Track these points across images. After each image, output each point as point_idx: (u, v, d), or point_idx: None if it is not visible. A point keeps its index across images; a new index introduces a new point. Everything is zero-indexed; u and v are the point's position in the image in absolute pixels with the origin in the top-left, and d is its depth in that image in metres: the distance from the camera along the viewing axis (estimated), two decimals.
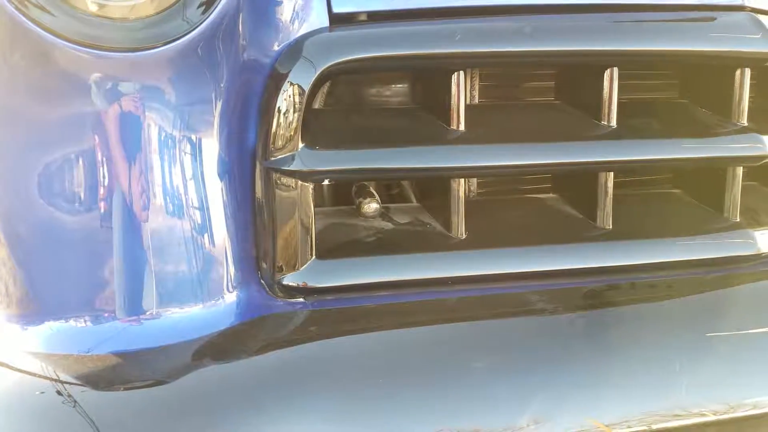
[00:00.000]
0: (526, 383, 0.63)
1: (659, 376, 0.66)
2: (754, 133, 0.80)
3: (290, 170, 0.65)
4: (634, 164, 0.77)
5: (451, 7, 0.72)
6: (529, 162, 0.74)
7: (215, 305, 0.66)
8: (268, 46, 0.67)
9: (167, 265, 0.64)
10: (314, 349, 0.63)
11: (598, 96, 0.77)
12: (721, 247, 0.79)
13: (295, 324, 0.67)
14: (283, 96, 0.64)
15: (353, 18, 0.70)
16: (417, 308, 0.69)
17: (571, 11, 0.75)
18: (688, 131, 0.81)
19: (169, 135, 0.63)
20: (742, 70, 0.80)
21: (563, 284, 0.74)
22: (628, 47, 0.74)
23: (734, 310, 0.72)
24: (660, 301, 0.71)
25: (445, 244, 0.75)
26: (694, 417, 0.65)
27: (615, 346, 0.67)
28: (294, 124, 0.65)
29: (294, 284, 0.68)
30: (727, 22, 0.79)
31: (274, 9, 0.66)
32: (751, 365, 0.69)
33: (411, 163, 0.70)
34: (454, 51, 0.68)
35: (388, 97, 0.85)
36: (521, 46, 0.70)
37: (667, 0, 0.78)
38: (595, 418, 0.62)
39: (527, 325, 0.68)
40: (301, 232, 0.67)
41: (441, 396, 0.61)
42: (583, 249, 0.76)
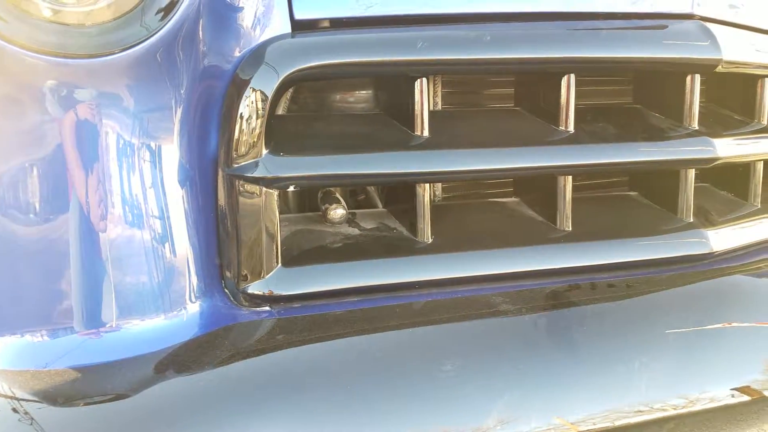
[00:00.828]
0: (494, 385, 0.64)
1: (621, 373, 0.67)
2: (705, 136, 0.83)
3: (254, 177, 0.64)
4: (592, 168, 0.79)
5: (413, 15, 0.73)
6: (491, 167, 0.75)
7: (178, 316, 0.65)
8: (229, 52, 0.66)
9: (127, 276, 0.63)
10: (281, 358, 0.63)
11: (556, 102, 0.79)
12: (676, 247, 0.82)
13: (261, 333, 0.66)
14: (246, 102, 0.63)
15: (316, 24, 0.70)
16: (384, 313, 0.69)
17: (529, 19, 0.77)
18: (642, 135, 0.84)
19: (127, 143, 0.62)
20: (693, 76, 0.84)
21: (526, 285, 0.75)
22: (585, 54, 0.76)
23: (690, 307, 0.74)
24: (619, 300, 0.73)
25: (412, 248, 0.75)
26: (655, 412, 0.66)
27: (578, 345, 0.69)
28: (257, 130, 0.64)
29: (259, 293, 0.67)
30: (678, 30, 0.82)
31: (235, 15, 0.66)
32: (708, 360, 0.72)
33: (376, 169, 0.70)
34: (416, 58, 0.69)
35: (353, 103, 0.85)
36: (481, 54, 0.71)
37: (621, 8, 0.81)
38: (561, 416, 0.63)
39: (493, 326, 0.69)
40: (266, 240, 0.66)
41: (410, 400, 0.61)
42: (544, 251, 0.77)
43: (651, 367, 0.68)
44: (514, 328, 0.69)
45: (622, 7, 0.80)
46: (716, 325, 0.73)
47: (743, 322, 0.75)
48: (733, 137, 0.87)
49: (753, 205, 0.96)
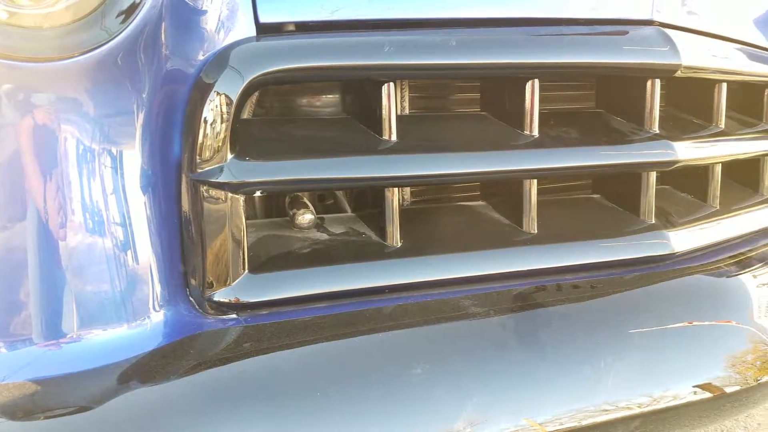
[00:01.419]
0: (463, 387, 0.64)
1: (587, 373, 0.69)
2: (666, 140, 0.85)
3: (219, 182, 0.63)
4: (556, 171, 0.80)
5: (379, 20, 0.73)
6: (458, 171, 0.75)
7: (141, 325, 0.64)
8: (192, 55, 0.65)
9: (88, 284, 0.62)
10: (248, 366, 0.62)
11: (521, 107, 0.80)
12: (639, 248, 0.84)
13: (227, 341, 0.65)
14: (210, 106, 0.63)
15: (281, 28, 0.69)
16: (354, 318, 0.68)
17: (494, 25, 0.78)
18: (604, 139, 0.85)
19: (87, 148, 0.61)
20: (653, 81, 0.86)
21: (494, 288, 0.76)
22: (548, 60, 0.77)
23: (653, 307, 0.76)
24: (584, 301, 0.74)
25: (381, 252, 0.75)
26: (621, 411, 0.68)
27: (545, 346, 0.70)
28: (222, 134, 0.63)
29: (225, 300, 0.66)
30: (638, 35, 0.84)
31: (198, 18, 0.65)
32: (671, 359, 0.73)
33: (344, 173, 0.70)
34: (383, 63, 0.69)
35: (320, 107, 0.85)
36: (447, 59, 0.72)
37: (584, 14, 0.82)
38: (529, 417, 0.64)
39: (462, 329, 0.70)
40: (232, 246, 0.65)
41: (379, 405, 0.61)
42: (511, 253, 0.78)
43: (616, 367, 0.69)
44: (482, 330, 0.70)
45: (584, 13, 0.82)
46: (678, 325, 0.75)
47: (704, 321, 0.77)
48: (693, 140, 0.90)
49: (712, 207, 0.99)
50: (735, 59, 0.99)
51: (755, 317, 0.81)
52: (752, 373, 0.76)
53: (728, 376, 0.74)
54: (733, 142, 0.98)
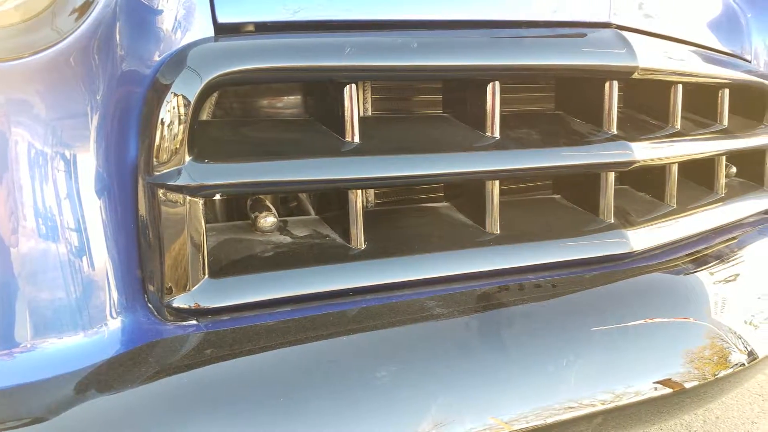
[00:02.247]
0: (428, 388, 0.64)
1: (550, 372, 0.69)
2: (623, 140, 0.87)
3: (176, 185, 0.62)
4: (517, 172, 0.81)
5: (340, 21, 0.73)
6: (420, 173, 0.75)
7: (98, 333, 0.62)
8: (148, 56, 0.64)
9: (42, 292, 0.60)
10: (209, 373, 0.61)
11: (482, 109, 0.80)
12: (598, 247, 0.85)
13: (187, 348, 0.64)
14: (167, 107, 0.61)
15: (240, 28, 0.68)
16: (318, 322, 0.68)
17: (455, 27, 0.78)
18: (564, 141, 0.87)
19: (39, 152, 0.59)
20: (611, 83, 0.87)
21: (458, 288, 0.76)
22: (508, 62, 0.78)
23: (613, 305, 0.77)
24: (546, 299, 0.75)
25: (345, 255, 0.74)
26: (584, 408, 0.68)
27: (508, 345, 0.70)
28: (179, 136, 0.62)
29: (185, 306, 0.65)
30: (596, 38, 0.85)
31: (154, 18, 0.63)
32: (631, 356, 0.75)
33: (306, 176, 0.69)
34: (344, 64, 0.69)
35: (281, 109, 0.84)
36: (408, 61, 0.72)
37: (542, 17, 0.83)
38: (495, 416, 0.64)
39: (426, 330, 0.70)
40: (191, 251, 0.64)
41: (344, 408, 0.61)
42: (474, 254, 0.79)
43: (578, 365, 0.70)
44: (446, 331, 0.70)
45: (543, 16, 0.83)
46: (638, 322, 0.76)
47: (663, 318, 0.79)
48: (650, 141, 0.92)
49: (669, 206, 1.02)
50: (690, 61, 1.02)
51: (712, 314, 0.83)
52: (710, 369, 0.77)
53: (687, 371, 0.76)
54: (689, 142, 1.00)
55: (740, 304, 0.87)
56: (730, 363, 0.79)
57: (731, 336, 0.81)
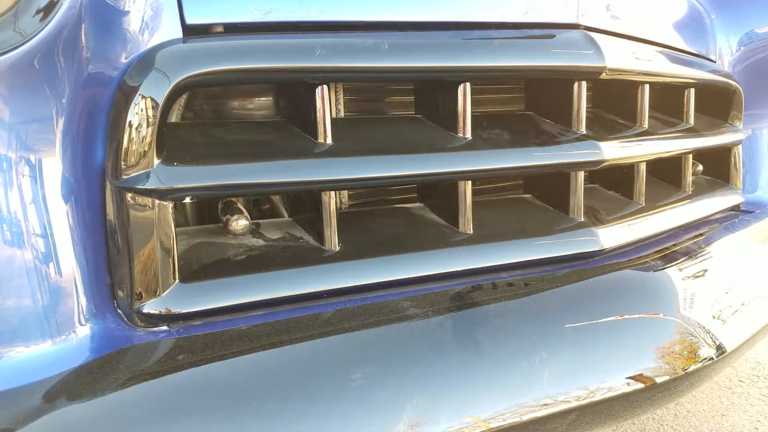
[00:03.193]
0: (404, 389, 0.63)
1: (524, 369, 0.70)
2: (592, 140, 0.88)
3: (145, 189, 0.61)
4: (489, 173, 0.81)
5: (311, 22, 0.72)
6: (393, 173, 0.75)
7: (66, 340, 0.61)
8: (115, 58, 0.63)
9: (8, 299, 0.58)
10: (182, 379, 0.59)
11: (454, 110, 0.81)
12: (569, 245, 0.86)
13: (159, 354, 0.63)
14: (135, 110, 0.60)
15: (209, 30, 0.68)
16: (292, 325, 0.67)
17: (425, 29, 0.79)
18: (534, 141, 0.87)
19: (3, 156, 0.57)
20: (579, 83, 0.88)
21: (432, 288, 0.76)
22: (478, 63, 0.78)
23: (585, 302, 0.78)
24: (519, 298, 0.75)
25: (319, 257, 0.74)
26: (559, 405, 0.69)
27: (483, 344, 0.70)
28: (148, 139, 0.61)
29: (156, 311, 0.64)
30: (565, 39, 0.86)
31: (121, 19, 0.62)
32: (603, 352, 0.75)
33: (278, 178, 0.69)
34: (315, 65, 0.68)
35: (252, 110, 0.83)
36: (380, 62, 0.72)
37: (512, 19, 0.84)
38: (471, 415, 0.64)
39: (401, 331, 0.69)
40: (161, 255, 0.63)
41: (319, 412, 0.60)
42: (448, 254, 0.79)
43: (551, 362, 0.71)
44: (421, 331, 0.70)
45: (512, 18, 0.84)
46: (609, 319, 0.77)
47: (633, 314, 0.79)
48: (618, 140, 0.93)
49: (638, 204, 1.03)
50: (656, 61, 1.03)
51: (681, 309, 0.83)
52: (680, 363, 0.78)
53: (658, 366, 0.76)
54: (657, 141, 1.02)
55: (708, 300, 0.88)
56: (700, 357, 0.80)
57: (700, 331, 0.82)
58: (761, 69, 1.33)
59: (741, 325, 0.88)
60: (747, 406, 1.51)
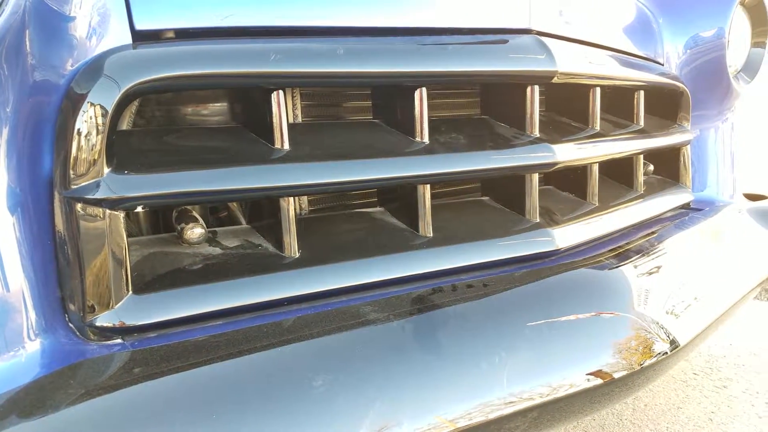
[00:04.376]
0: (367, 394, 0.63)
1: (485, 370, 0.70)
2: (546, 143, 0.90)
3: (95, 198, 0.59)
4: (447, 176, 0.82)
5: (265, 28, 0.72)
6: (352, 178, 0.75)
7: (15, 357, 0.58)
8: (62, 64, 0.61)
9: None
10: (138, 393, 0.58)
11: (411, 114, 0.81)
12: (526, 246, 0.87)
13: (113, 368, 0.61)
14: (83, 118, 0.59)
15: (160, 35, 0.66)
16: (251, 334, 0.66)
17: (380, 34, 0.79)
18: (490, 144, 0.88)
19: None
20: (532, 87, 0.90)
21: (393, 292, 0.76)
22: (433, 69, 0.79)
23: (542, 301, 0.79)
24: (478, 299, 0.76)
25: (278, 264, 0.73)
26: (520, 403, 0.69)
27: (445, 346, 0.70)
28: (97, 147, 0.59)
29: (109, 324, 0.62)
30: (517, 44, 0.88)
31: (66, 25, 0.61)
32: (562, 349, 0.76)
33: (234, 184, 0.67)
34: (269, 70, 0.68)
35: (207, 116, 0.82)
36: (335, 67, 0.72)
37: (465, 24, 0.85)
38: (435, 416, 0.64)
39: (363, 336, 0.69)
40: (113, 266, 0.61)
41: (281, 421, 0.59)
42: (408, 257, 0.79)
43: (511, 361, 0.71)
44: (383, 335, 0.70)
45: (466, 23, 0.85)
46: (566, 317, 0.78)
47: (590, 312, 0.81)
48: (571, 142, 0.95)
49: (591, 204, 1.05)
50: (607, 65, 1.06)
51: (636, 306, 0.85)
52: (636, 358, 0.79)
53: (616, 362, 0.77)
54: (608, 142, 1.04)
55: (662, 295, 0.89)
56: (655, 352, 0.81)
57: (655, 326, 0.83)
58: (706, 71, 1.38)
59: (693, 319, 0.90)
60: (702, 398, 1.56)
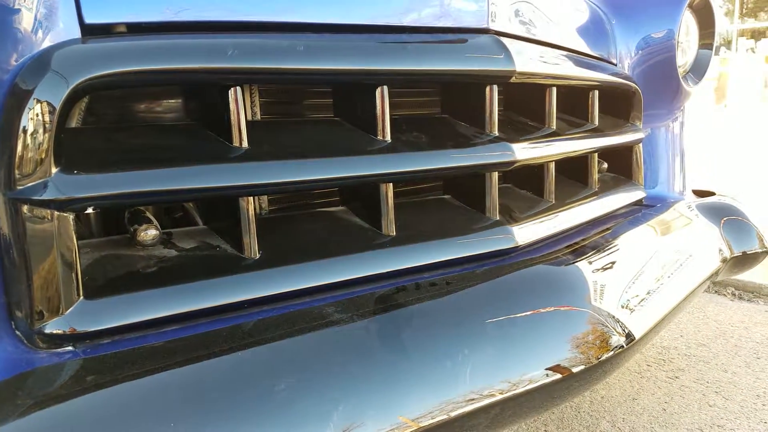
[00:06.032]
0: (330, 396, 0.62)
1: (449, 367, 0.70)
2: (505, 142, 0.91)
3: (42, 200, 0.56)
4: (409, 175, 0.81)
5: (221, 22, 0.70)
6: (313, 177, 0.74)
7: None
8: (5, 59, 0.57)
9: None
10: (92, 402, 0.55)
11: (372, 113, 0.80)
12: (487, 243, 0.88)
13: (64, 377, 0.58)
14: (29, 115, 0.56)
15: (111, 29, 0.64)
16: (211, 338, 0.64)
17: (340, 31, 0.78)
18: (451, 143, 0.89)
19: None
20: (491, 87, 0.91)
21: (357, 292, 0.75)
22: (393, 67, 0.78)
23: (503, 297, 0.79)
24: (441, 297, 0.76)
25: (238, 266, 0.71)
26: (481, 400, 0.70)
27: (407, 344, 0.70)
28: (44, 145, 0.56)
29: (59, 331, 0.59)
30: (476, 43, 0.88)
31: (9, 18, 0.57)
32: (522, 345, 0.77)
33: (190, 184, 0.65)
34: (226, 66, 0.66)
35: (162, 113, 0.79)
36: (294, 64, 0.70)
37: (425, 23, 0.85)
38: (399, 416, 0.64)
39: (326, 337, 0.68)
40: (62, 270, 0.58)
41: (244, 428, 0.58)
42: (371, 256, 0.78)
43: (473, 358, 0.71)
44: (346, 336, 0.69)
45: (425, 22, 0.85)
46: (526, 313, 0.78)
47: (548, 307, 0.82)
48: (529, 141, 0.96)
49: (549, 201, 1.07)
50: (563, 65, 1.08)
51: (592, 300, 0.86)
52: (593, 352, 0.80)
53: (574, 357, 0.78)
54: (564, 141, 1.06)
55: (617, 290, 0.91)
56: (612, 346, 0.82)
57: (611, 320, 0.85)
58: (657, 72, 1.42)
59: (648, 312, 0.92)
60: (655, 389, 1.61)
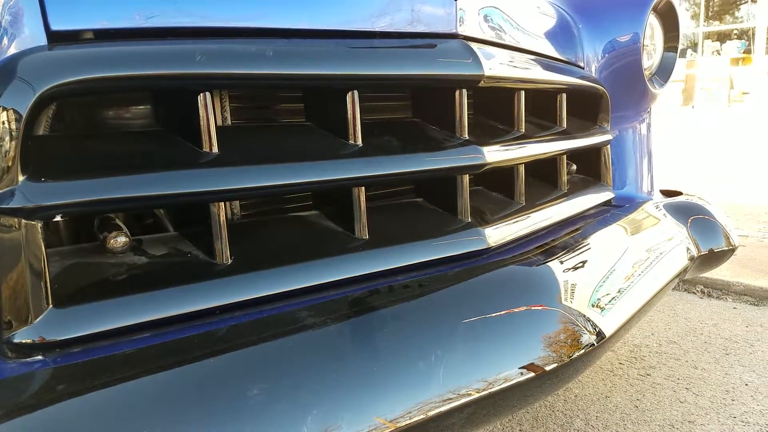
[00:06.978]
0: (305, 400, 0.62)
1: (423, 368, 0.70)
2: (475, 145, 0.92)
3: (9, 208, 0.55)
4: (381, 178, 0.82)
5: (190, 28, 0.69)
6: (285, 182, 0.74)
7: None
8: None
9: None
10: (62, 412, 0.54)
11: (344, 117, 0.81)
12: (459, 245, 0.89)
13: (34, 387, 0.57)
14: None
15: (77, 36, 0.63)
16: (183, 345, 0.64)
17: (310, 36, 0.78)
18: (422, 147, 0.90)
19: None
20: (461, 91, 0.92)
21: (330, 296, 0.75)
22: (363, 72, 0.79)
23: (475, 298, 0.80)
24: (414, 299, 0.76)
25: (210, 271, 0.71)
26: (455, 400, 0.70)
27: (382, 347, 0.70)
28: (11, 153, 0.56)
29: (28, 341, 0.58)
30: (445, 48, 0.89)
31: None
32: (495, 345, 0.78)
33: (159, 190, 0.65)
34: (194, 72, 0.65)
35: (131, 120, 0.79)
36: (264, 69, 0.71)
37: (394, 27, 0.86)
38: (378, 416, 0.64)
39: (300, 342, 0.68)
40: (30, 279, 0.58)
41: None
42: (344, 260, 0.79)
43: (448, 359, 0.72)
44: (320, 340, 0.69)
45: (395, 27, 0.86)
46: (498, 313, 0.79)
47: (520, 307, 0.83)
48: (498, 144, 0.98)
49: (519, 203, 1.09)
50: (531, 69, 1.09)
51: (563, 300, 0.87)
52: (566, 351, 0.81)
53: (546, 355, 0.79)
54: (533, 144, 1.08)
55: (587, 289, 0.92)
56: (583, 344, 0.83)
57: (582, 319, 0.86)
58: (624, 74, 1.45)
59: (618, 311, 0.93)
60: (627, 387, 1.64)
